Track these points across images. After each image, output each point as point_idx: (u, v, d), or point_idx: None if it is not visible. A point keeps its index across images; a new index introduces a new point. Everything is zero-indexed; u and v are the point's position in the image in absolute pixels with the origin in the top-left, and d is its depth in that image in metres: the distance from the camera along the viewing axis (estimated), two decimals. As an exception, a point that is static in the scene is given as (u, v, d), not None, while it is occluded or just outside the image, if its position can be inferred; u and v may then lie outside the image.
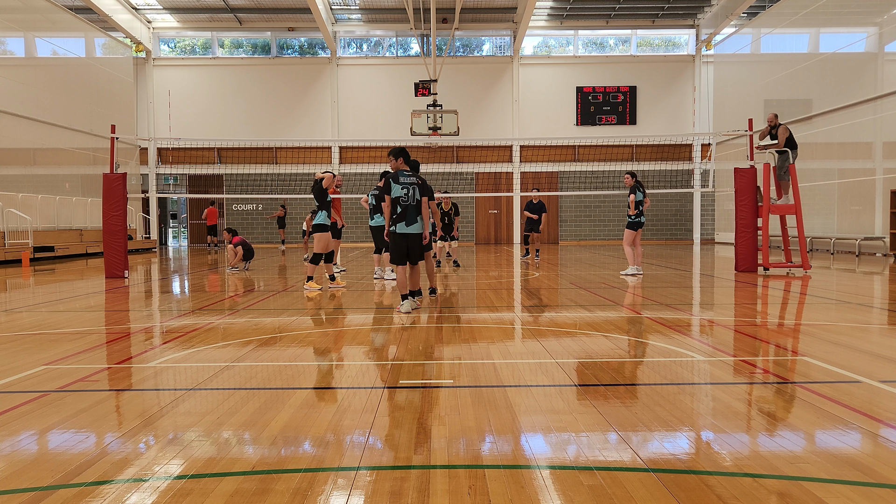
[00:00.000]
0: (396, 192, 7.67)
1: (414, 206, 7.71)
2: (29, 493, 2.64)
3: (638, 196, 12.41)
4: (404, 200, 7.68)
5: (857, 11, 19.51)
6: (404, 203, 7.68)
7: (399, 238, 7.73)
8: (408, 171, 7.82)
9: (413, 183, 7.72)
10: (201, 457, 3.03)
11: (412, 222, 7.71)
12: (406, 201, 7.68)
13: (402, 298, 7.80)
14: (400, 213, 7.68)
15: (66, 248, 19.33)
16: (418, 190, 7.75)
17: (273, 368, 4.96)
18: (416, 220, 7.73)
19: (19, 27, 19.76)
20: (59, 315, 7.73)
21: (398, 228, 7.70)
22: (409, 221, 7.69)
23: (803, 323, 7.02)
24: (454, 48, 28.75)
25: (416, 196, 7.72)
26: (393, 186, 7.68)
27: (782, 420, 3.59)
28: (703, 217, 28.69)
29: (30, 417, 3.68)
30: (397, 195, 7.67)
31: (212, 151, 27.68)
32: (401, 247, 7.74)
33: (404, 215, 7.68)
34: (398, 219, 7.69)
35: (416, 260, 7.89)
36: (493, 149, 28.13)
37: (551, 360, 5.10)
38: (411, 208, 7.70)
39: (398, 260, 7.80)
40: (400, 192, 7.67)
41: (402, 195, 7.67)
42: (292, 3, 26.22)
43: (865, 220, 18.02)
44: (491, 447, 3.15)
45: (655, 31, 28.99)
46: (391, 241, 7.82)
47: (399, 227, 7.70)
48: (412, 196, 7.70)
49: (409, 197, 7.68)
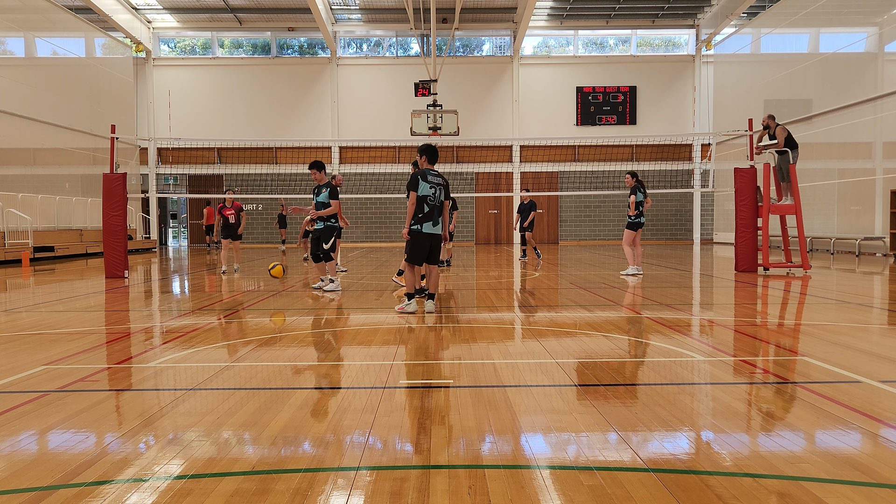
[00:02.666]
0: (424, 191, 7.54)
1: (438, 207, 7.63)
2: (29, 493, 2.64)
3: (639, 196, 12.41)
4: (431, 200, 7.57)
5: (857, 11, 19.51)
6: (431, 203, 7.57)
7: (424, 238, 7.60)
8: (434, 171, 7.71)
9: (440, 183, 7.64)
10: (201, 457, 3.03)
11: (437, 223, 7.63)
12: (433, 202, 7.58)
13: (408, 298, 7.72)
14: (427, 212, 7.56)
15: (66, 248, 19.33)
16: (443, 190, 7.68)
17: (273, 368, 4.96)
18: (440, 222, 7.67)
19: (19, 27, 19.76)
20: (59, 315, 7.73)
21: (424, 228, 7.57)
22: (434, 222, 7.60)
23: (803, 323, 7.01)
24: (454, 48, 28.75)
25: (441, 197, 7.65)
26: (421, 184, 7.54)
27: (782, 420, 3.59)
28: (702, 217, 28.69)
29: (30, 417, 3.68)
30: (425, 194, 7.54)
31: (212, 151, 27.68)
32: (424, 247, 7.64)
33: (431, 215, 7.58)
34: (424, 218, 7.56)
35: (435, 261, 7.81)
36: (493, 149, 28.13)
37: (551, 360, 5.10)
38: (436, 209, 7.62)
39: (417, 260, 7.69)
40: (428, 191, 7.55)
41: (430, 195, 7.56)
42: (292, 3, 26.22)
43: (865, 220, 18.02)
44: (491, 447, 3.15)
45: (655, 31, 28.99)
46: (413, 240, 7.65)
47: (426, 227, 7.57)
48: (438, 196, 7.62)
49: (435, 198, 7.59)
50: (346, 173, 27.75)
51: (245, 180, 27.76)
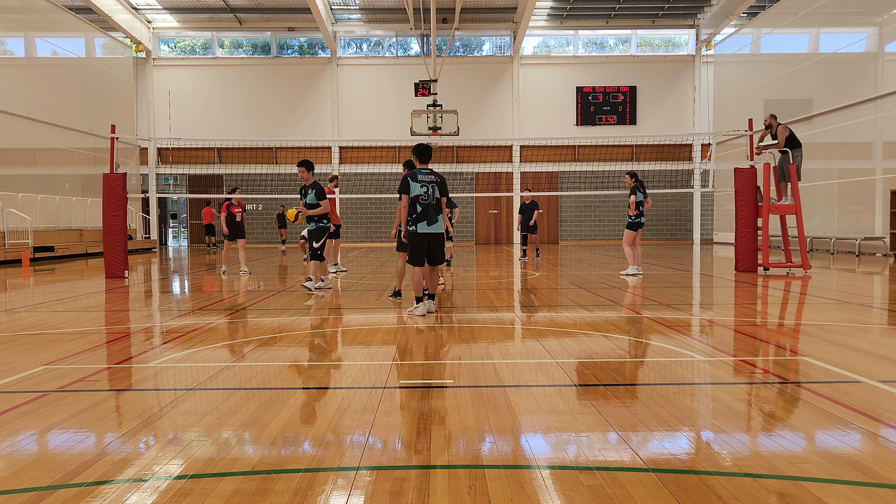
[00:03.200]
0: (416, 191, 7.47)
1: (434, 205, 7.54)
2: (29, 493, 2.64)
3: (639, 197, 12.41)
4: (424, 199, 7.49)
5: (857, 11, 19.51)
6: (424, 202, 7.49)
7: (420, 238, 7.53)
8: (427, 169, 7.65)
9: (432, 181, 7.56)
10: (201, 457, 3.03)
11: (433, 221, 7.52)
12: (426, 200, 7.50)
13: (417, 301, 7.61)
14: (420, 212, 7.48)
15: (66, 248, 19.33)
16: (437, 188, 7.58)
17: (273, 368, 4.96)
18: (437, 220, 7.56)
19: (19, 27, 19.76)
20: (59, 315, 7.73)
21: (419, 228, 7.50)
22: (430, 221, 7.51)
23: (803, 323, 7.01)
24: (454, 48, 28.75)
25: (436, 194, 7.55)
26: (412, 185, 7.48)
27: (782, 420, 3.59)
28: (702, 217, 28.69)
29: (30, 417, 3.68)
30: (417, 194, 7.48)
31: (212, 151, 27.68)
32: (422, 247, 7.56)
33: (425, 214, 7.49)
34: (418, 218, 7.49)
35: (438, 261, 7.71)
36: (492, 149, 28.13)
37: (551, 360, 5.10)
38: (431, 207, 7.52)
39: (417, 261, 7.61)
40: (419, 190, 7.47)
41: (422, 193, 7.48)
42: (292, 3, 26.22)
43: (865, 220, 18.02)
44: (491, 447, 3.15)
45: (655, 31, 28.99)
46: (410, 242, 7.60)
47: (420, 227, 7.49)
48: (431, 194, 7.52)
49: (428, 195, 7.50)
50: (346, 173, 27.75)
51: (245, 180, 27.76)
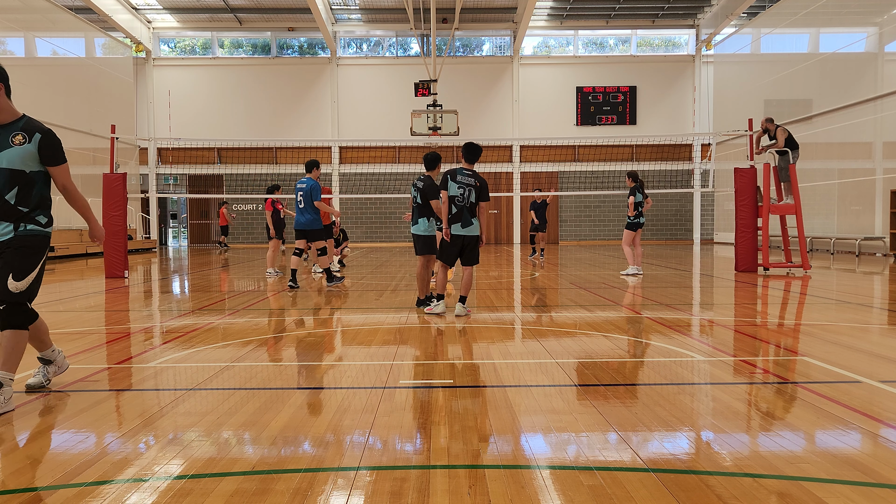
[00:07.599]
0: (452, 191, 7.42)
1: (468, 208, 7.45)
2: (29, 493, 2.64)
3: (638, 197, 12.41)
4: (459, 201, 7.42)
5: (857, 11, 19.51)
6: (459, 203, 7.42)
7: (453, 239, 7.48)
8: (470, 170, 7.55)
9: (471, 184, 7.46)
10: (201, 457, 3.03)
11: (467, 224, 7.44)
12: (461, 202, 7.42)
13: (438, 299, 7.61)
14: (455, 213, 7.43)
15: (66, 248, 19.33)
16: (475, 192, 7.48)
17: (273, 368, 4.96)
18: (472, 222, 7.47)
19: (19, 27, 19.76)
20: (59, 315, 7.73)
21: (452, 229, 7.43)
22: (464, 223, 7.43)
23: (803, 323, 7.01)
24: (454, 48, 28.75)
25: (472, 198, 7.46)
26: (450, 184, 7.43)
27: (782, 420, 3.59)
28: (702, 217, 28.69)
29: (30, 417, 3.68)
30: (453, 194, 7.43)
31: (212, 151, 27.67)
32: (453, 248, 7.53)
33: (459, 216, 7.43)
34: (453, 220, 7.43)
35: (471, 262, 7.62)
36: (493, 149, 28.11)
37: (551, 360, 5.10)
38: (466, 210, 7.44)
39: (447, 259, 7.59)
40: (456, 191, 7.42)
41: (458, 195, 7.42)
42: (292, 3, 26.21)
43: (865, 220, 18.02)
44: (491, 447, 3.15)
45: (655, 31, 28.98)
46: (443, 241, 7.58)
47: (454, 229, 7.43)
48: (467, 197, 7.44)
49: (464, 198, 7.42)
50: (346, 173, 27.76)
51: (245, 180, 27.76)
